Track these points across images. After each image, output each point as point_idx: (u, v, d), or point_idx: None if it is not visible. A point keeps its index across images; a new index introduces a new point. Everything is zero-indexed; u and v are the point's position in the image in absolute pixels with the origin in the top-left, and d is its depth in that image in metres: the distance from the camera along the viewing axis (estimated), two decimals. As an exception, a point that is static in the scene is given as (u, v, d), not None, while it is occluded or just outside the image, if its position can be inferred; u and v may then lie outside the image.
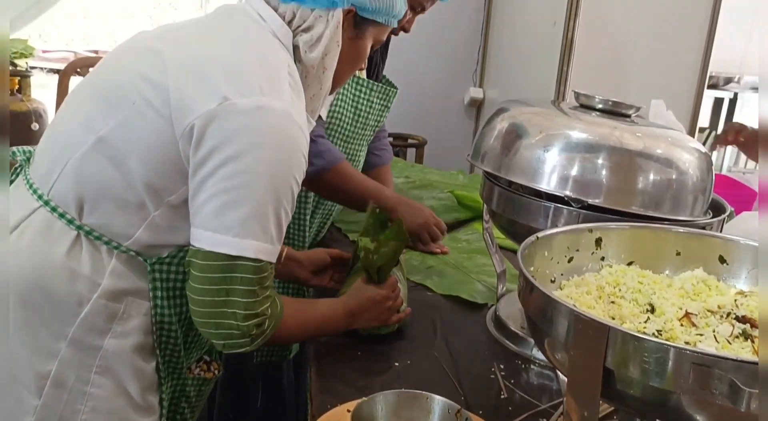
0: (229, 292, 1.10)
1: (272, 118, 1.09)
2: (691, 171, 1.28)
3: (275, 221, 1.11)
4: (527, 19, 3.44)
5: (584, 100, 1.42)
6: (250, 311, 1.11)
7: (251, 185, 1.07)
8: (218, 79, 1.09)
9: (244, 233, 1.08)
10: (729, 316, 0.87)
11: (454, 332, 1.51)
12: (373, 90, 1.88)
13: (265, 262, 1.12)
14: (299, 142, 1.12)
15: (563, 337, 0.83)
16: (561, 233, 1.10)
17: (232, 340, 1.13)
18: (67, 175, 1.14)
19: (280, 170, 1.10)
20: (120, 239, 1.15)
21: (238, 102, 1.07)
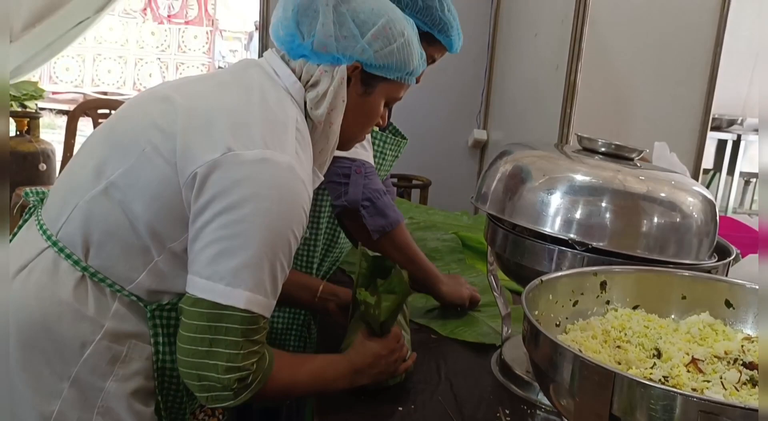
0: (213, 342, 1.08)
1: (274, 170, 1.10)
2: (695, 214, 1.28)
3: (270, 274, 1.10)
4: (530, 62, 3.49)
5: (587, 144, 1.43)
6: (231, 364, 1.08)
7: (247, 236, 1.08)
8: (224, 131, 1.11)
9: (236, 283, 1.07)
10: (736, 362, 0.87)
11: (459, 375, 1.49)
12: (386, 142, 1.90)
13: (256, 314, 1.10)
14: (301, 196, 1.13)
15: (568, 383, 0.82)
16: (565, 276, 1.10)
17: (214, 392, 1.10)
18: (75, 217, 1.16)
19: (279, 223, 1.10)
20: (123, 282, 1.16)
21: (241, 153, 1.09)
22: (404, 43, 1.26)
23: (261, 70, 1.25)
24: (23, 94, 4.13)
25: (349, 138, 1.33)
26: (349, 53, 1.22)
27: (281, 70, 1.24)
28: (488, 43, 4.29)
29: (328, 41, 1.21)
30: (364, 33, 1.22)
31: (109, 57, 10.82)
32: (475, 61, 4.33)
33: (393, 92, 1.31)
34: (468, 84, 4.36)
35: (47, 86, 5.96)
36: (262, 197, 1.08)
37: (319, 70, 1.23)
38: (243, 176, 1.08)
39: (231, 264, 1.07)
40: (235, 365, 1.08)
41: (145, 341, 1.18)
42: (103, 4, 3.94)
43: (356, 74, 1.25)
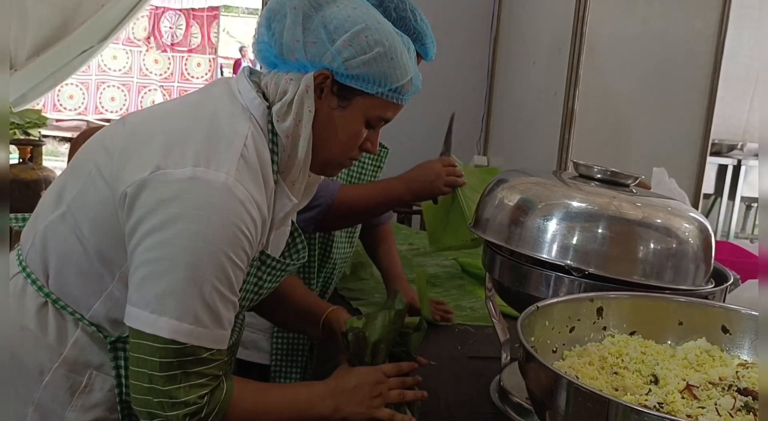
0: (152, 377, 1.02)
1: (204, 189, 1.03)
2: (692, 240, 1.29)
3: (201, 301, 1.03)
4: (529, 89, 3.52)
5: (584, 170, 1.44)
6: (175, 400, 1.02)
7: (172, 259, 1.01)
8: (157, 150, 1.06)
9: (161, 310, 1.01)
10: (731, 388, 0.87)
11: (458, 403, 1.48)
12: None
13: (189, 345, 1.02)
14: (236, 216, 1.05)
15: (563, 409, 0.82)
16: (561, 302, 1.10)
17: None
18: (37, 242, 1.15)
19: (208, 246, 1.02)
20: (82, 309, 1.13)
21: (170, 171, 1.03)
22: (383, 55, 1.14)
23: (225, 87, 1.19)
24: (27, 122, 4.16)
25: (327, 159, 1.23)
26: (318, 60, 1.14)
27: (242, 87, 1.18)
28: (488, 71, 4.34)
29: (295, 47, 1.14)
30: (335, 39, 1.13)
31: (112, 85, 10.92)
32: (475, 88, 4.38)
33: (374, 109, 1.19)
34: (468, 111, 4.40)
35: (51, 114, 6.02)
36: (189, 218, 1.01)
37: (285, 79, 1.15)
38: (170, 196, 1.02)
39: (156, 290, 1.01)
40: (179, 401, 1.02)
41: (107, 373, 1.15)
42: (107, 34, 4.00)
43: (328, 84, 1.15)
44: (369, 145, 1.25)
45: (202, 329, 1.03)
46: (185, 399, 1.03)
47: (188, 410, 1.03)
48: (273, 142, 1.16)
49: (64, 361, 1.12)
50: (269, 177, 1.14)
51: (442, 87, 4.30)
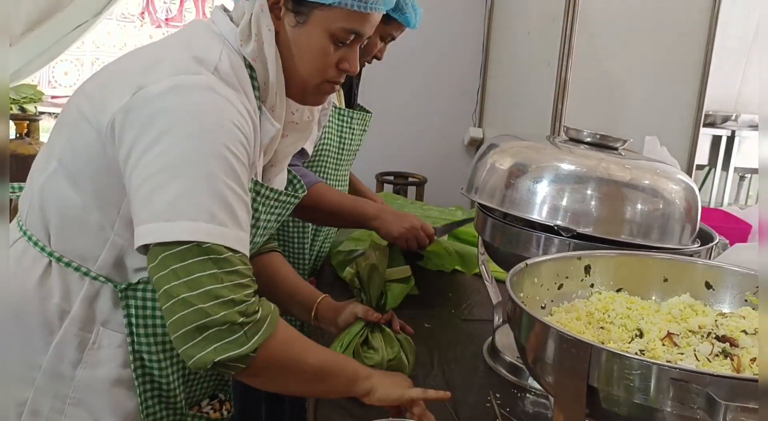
0: (192, 283, 0.96)
1: (188, 93, 1.01)
2: (678, 201, 1.32)
3: (214, 197, 0.99)
4: (523, 60, 3.53)
5: (574, 134, 1.47)
6: (221, 298, 0.96)
7: (175, 165, 0.98)
8: (133, 74, 1.05)
9: (174, 215, 0.97)
10: (710, 336, 0.90)
11: (451, 362, 1.52)
12: (354, 118, 1.97)
13: (212, 244, 0.98)
14: (225, 111, 1.03)
15: (550, 358, 0.86)
16: (550, 260, 1.13)
17: (223, 341, 0.97)
18: (35, 203, 1.14)
19: (206, 144, 1.00)
20: (88, 263, 1.12)
21: (150, 87, 1.01)
22: None
23: (201, 23, 1.19)
24: (23, 98, 4.16)
25: (302, 82, 1.18)
26: None
27: (217, 17, 1.17)
28: (483, 42, 4.33)
29: None
30: None
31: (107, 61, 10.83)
32: (471, 60, 4.37)
33: (335, 21, 1.12)
34: (464, 83, 4.40)
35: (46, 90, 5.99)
36: (180, 122, 0.99)
37: (242, 1, 1.13)
38: (156, 109, 1.00)
39: (165, 198, 0.97)
40: (227, 299, 0.97)
41: (115, 329, 1.14)
42: (101, 8, 3.98)
43: (283, 1, 1.12)
44: (346, 65, 1.18)
45: (222, 228, 0.99)
46: (233, 296, 0.98)
47: (240, 309, 0.98)
48: (251, 67, 1.14)
49: (72, 319, 1.12)
50: (250, 96, 1.12)
51: (437, 59, 4.31)
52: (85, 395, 1.13)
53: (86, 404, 1.13)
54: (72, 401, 1.13)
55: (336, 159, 1.96)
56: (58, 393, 1.13)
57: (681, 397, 0.73)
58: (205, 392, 1.29)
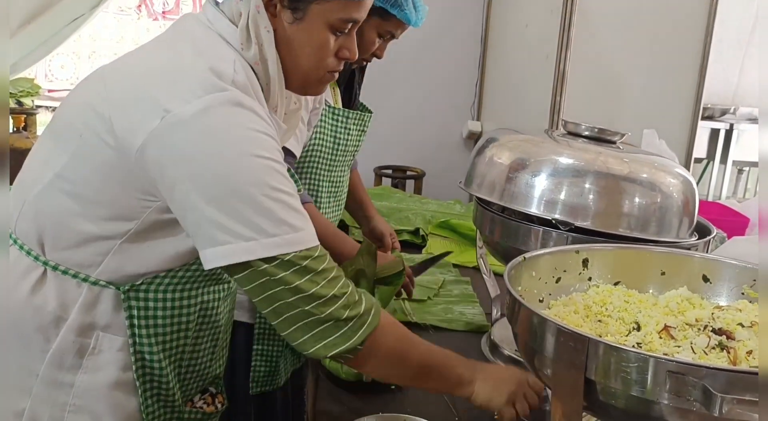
0: (291, 290, 1.00)
1: (219, 114, 1.00)
2: (676, 194, 1.32)
3: (275, 207, 1.00)
4: (521, 53, 3.53)
5: (572, 128, 1.47)
6: (323, 297, 1.01)
7: (227, 187, 0.99)
8: (156, 93, 1.02)
9: (225, 239, 0.99)
10: (706, 328, 0.90)
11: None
12: (350, 118, 1.91)
13: (296, 252, 1.00)
14: (253, 122, 1.02)
15: (548, 351, 0.86)
16: (548, 253, 1.13)
17: (331, 337, 1.02)
18: (26, 213, 1.12)
19: (244, 160, 1.00)
20: (87, 269, 1.10)
21: (180, 111, 0.99)
22: None
23: (195, 20, 1.15)
24: (20, 91, 4.15)
25: (303, 76, 1.18)
26: None
27: (211, 15, 1.14)
28: (481, 36, 4.33)
29: None
30: None
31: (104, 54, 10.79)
32: (469, 53, 4.37)
33: (334, 13, 1.12)
34: (462, 76, 4.40)
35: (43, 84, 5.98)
36: (218, 143, 0.99)
37: (236, 1, 1.11)
38: (192, 134, 0.99)
39: (209, 224, 0.99)
40: (329, 296, 1.01)
41: (116, 332, 1.12)
42: (97, 1, 3.96)
43: (278, 0, 1.10)
44: (346, 53, 1.18)
45: (295, 233, 1.01)
46: (334, 292, 1.02)
47: (342, 303, 1.02)
48: (252, 70, 1.13)
49: (69, 327, 1.09)
50: (262, 100, 1.12)
51: (435, 53, 4.30)
52: (85, 401, 1.12)
53: (86, 410, 1.12)
54: (72, 409, 1.11)
55: (329, 160, 1.89)
56: (57, 401, 1.11)
57: (677, 389, 0.74)
58: (198, 387, 1.28)
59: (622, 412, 0.82)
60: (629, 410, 0.81)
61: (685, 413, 0.76)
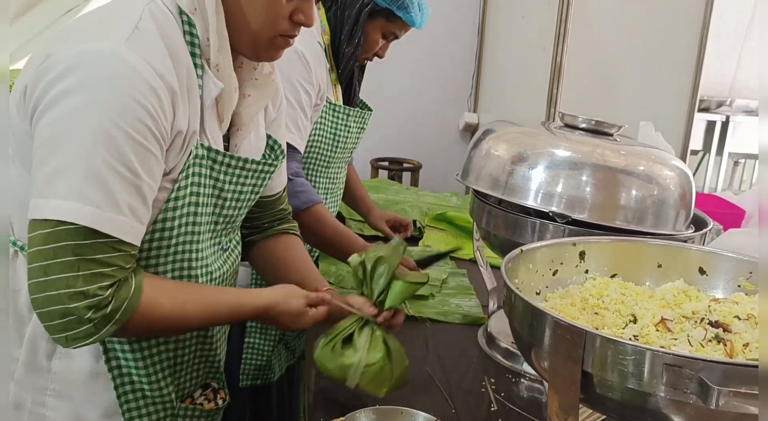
0: (47, 268, 0.94)
1: (91, 62, 0.95)
2: (672, 187, 1.32)
3: (93, 179, 0.93)
4: (518, 45, 3.52)
5: (569, 120, 1.47)
6: (72, 289, 0.94)
7: (58, 139, 0.94)
8: (51, 43, 1.00)
9: (47, 192, 0.93)
10: (703, 321, 0.91)
11: (446, 348, 1.53)
12: (350, 115, 1.91)
13: (78, 226, 0.93)
14: (127, 85, 0.95)
15: (544, 344, 0.86)
16: (545, 246, 1.13)
17: (72, 331, 0.96)
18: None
19: (94, 118, 0.93)
20: None
21: (59, 55, 0.95)
22: None
23: None
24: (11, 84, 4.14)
25: (252, 37, 1.11)
26: None
27: None
28: (478, 27, 4.32)
29: None
30: None
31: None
32: (466, 45, 4.36)
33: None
34: (459, 68, 4.39)
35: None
36: (75, 91, 0.93)
37: None
38: (56, 75, 0.94)
39: (44, 172, 0.94)
40: (78, 291, 0.94)
41: None
42: (92, -8, 3.94)
43: None
44: (301, 17, 1.11)
45: (93, 209, 0.94)
46: (85, 289, 0.94)
47: (89, 303, 0.95)
48: (189, 23, 1.07)
49: None
50: (182, 53, 1.05)
51: (432, 44, 4.29)
52: (64, 387, 1.11)
53: (66, 397, 1.12)
54: (52, 394, 1.11)
55: (327, 156, 1.89)
56: (38, 385, 1.11)
57: (674, 382, 0.74)
58: (197, 382, 1.27)
59: (619, 404, 0.82)
60: (626, 403, 0.81)
61: (681, 406, 0.76)
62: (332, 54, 1.84)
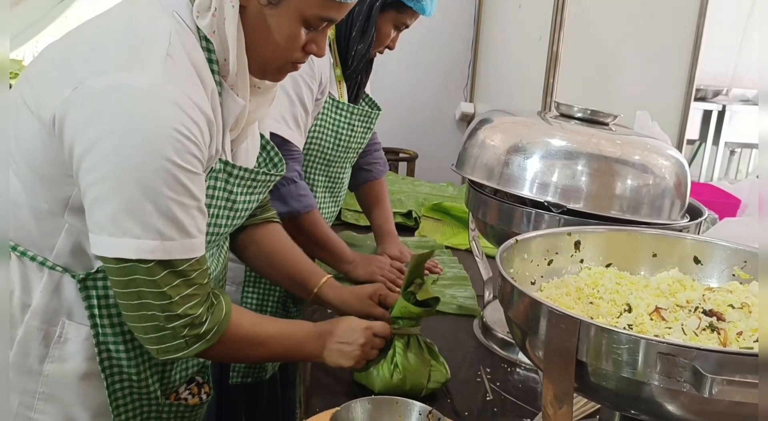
0: (140, 295, 1.01)
1: (129, 97, 0.95)
2: (668, 176, 1.32)
3: (159, 213, 0.97)
4: (515, 34, 3.51)
5: (565, 110, 1.46)
6: (169, 312, 1.02)
7: (114, 177, 0.95)
8: (76, 63, 0.99)
9: (118, 232, 0.96)
10: (697, 310, 0.91)
11: (443, 338, 1.53)
12: (354, 113, 1.86)
13: (159, 260, 0.99)
14: (169, 119, 0.96)
15: (539, 333, 0.86)
16: (540, 236, 1.13)
17: (165, 344, 1.04)
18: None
19: (146, 157, 0.95)
20: (45, 251, 1.08)
21: (91, 84, 0.95)
22: None
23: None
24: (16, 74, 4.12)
25: (264, 62, 1.12)
26: None
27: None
28: (474, 17, 4.31)
29: None
30: None
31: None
32: (462, 35, 4.35)
33: (311, 8, 1.06)
34: (455, 58, 4.38)
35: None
36: (119, 131, 0.94)
37: None
38: (95, 110, 0.95)
39: (108, 211, 0.96)
40: (173, 314, 1.02)
41: (79, 321, 1.11)
42: (87, -19, 3.92)
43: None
44: (314, 48, 1.13)
45: (169, 242, 0.99)
46: (179, 311, 1.03)
47: (184, 322, 1.03)
48: (206, 39, 1.06)
49: (33, 312, 1.08)
50: (207, 77, 1.06)
51: (428, 34, 4.28)
52: (54, 389, 1.11)
53: (56, 399, 1.12)
54: (41, 397, 1.11)
55: (328, 154, 1.85)
56: (27, 388, 1.10)
57: (668, 370, 0.74)
58: (183, 379, 1.27)
59: (613, 393, 0.82)
60: (620, 392, 0.81)
61: (675, 394, 0.76)
62: (337, 50, 1.80)
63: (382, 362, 1.28)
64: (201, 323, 1.05)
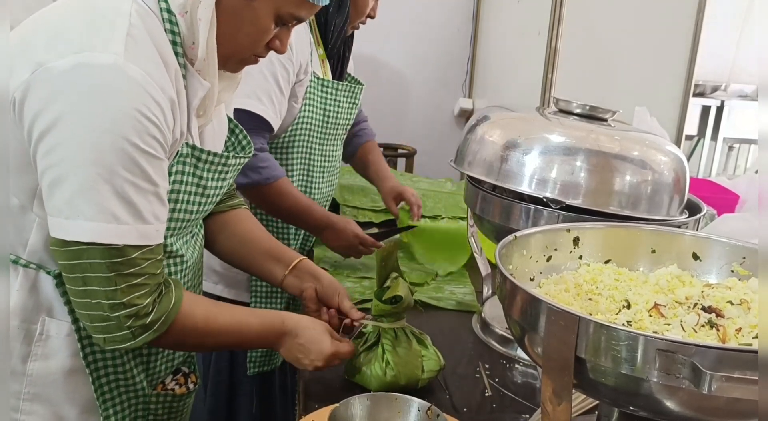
0: (86, 280, 0.99)
1: (91, 75, 0.93)
2: (667, 172, 1.32)
3: (115, 196, 0.96)
4: (513, 29, 3.50)
5: (563, 106, 1.46)
6: (113, 301, 0.99)
7: (71, 158, 0.94)
8: (38, 45, 0.97)
9: (73, 214, 0.95)
10: (696, 306, 0.91)
11: (441, 334, 1.53)
12: (339, 89, 1.90)
13: (113, 245, 0.97)
14: (131, 99, 0.95)
15: (538, 330, 0.86)
16: (539, 232, 1.13)
17: (110, 334, 1.01)
18: None
19: (107, 137, 0.93)
20: (18, 249, 1.07)
21: (52, 65, 0.94)
22: None
23: None
24: None
25: (231, 52, 1.12)
26: None
27: None
28: (473, 12, 4.30)
29: None
30: None
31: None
32: (460, 31, 4.35)
33: (286, 5, 1.09)
34: (453, 54, 4.38)
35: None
36: (80, 110, 0.93)
37: None
38: (56, 90, 0.93)
39: (64, 194, 0.95)
40: (117, 302, 0.99)
41: (61, 317, 1.10)
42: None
43: None
44: (277, 44, 1.15)
45: (123, 226, 0.97)
46: (124, 300, 1.00)
47: (129, 312, 1.00)
48: (171, 21, 1.06)
49: (13, 312, 1.07)
50: (170, 58, 1.05)
51: (426, 29, 4.27)
52: (40, 389, 1.10)
53: (42, 398, 1.11)
54: (27, 397, 1.10)
55: (320, 133, 1.88)
56: (11, 389, 1.09)
57: (667, 367, 0.74)
58: (169, 369, 1.26)
59: (612, 389, 0.82)
60: (619, 388, 0.81)
61: (674, 391, 0.76)
62: (318, 28, 1.83)
63: (373, 362, 1.27)
64: (147, 313, 1.03)
